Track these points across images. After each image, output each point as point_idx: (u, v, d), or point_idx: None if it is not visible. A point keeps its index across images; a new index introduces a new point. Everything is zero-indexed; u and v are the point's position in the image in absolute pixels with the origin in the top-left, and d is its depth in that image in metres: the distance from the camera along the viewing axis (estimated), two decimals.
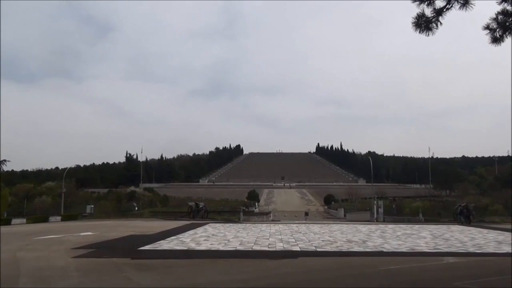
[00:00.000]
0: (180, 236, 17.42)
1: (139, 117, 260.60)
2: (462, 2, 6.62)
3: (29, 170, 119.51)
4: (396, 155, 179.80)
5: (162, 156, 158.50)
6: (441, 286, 7.44)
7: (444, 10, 6.74)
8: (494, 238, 17.07)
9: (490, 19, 7.19)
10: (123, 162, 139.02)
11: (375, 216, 40.13)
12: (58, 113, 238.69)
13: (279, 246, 13.54)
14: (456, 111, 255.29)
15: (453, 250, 12.88)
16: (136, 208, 48.25)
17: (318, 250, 12.73)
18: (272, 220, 41.81)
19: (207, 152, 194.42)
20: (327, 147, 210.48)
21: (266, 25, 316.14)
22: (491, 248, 13.43)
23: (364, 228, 23.45)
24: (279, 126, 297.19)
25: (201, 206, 36.89)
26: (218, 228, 22.88)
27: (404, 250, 12.87)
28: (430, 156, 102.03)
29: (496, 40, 7.26)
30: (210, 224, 27.01)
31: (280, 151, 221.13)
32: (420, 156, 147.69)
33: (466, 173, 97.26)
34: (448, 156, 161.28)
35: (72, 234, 19.01)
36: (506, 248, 13.45)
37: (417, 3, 6.74)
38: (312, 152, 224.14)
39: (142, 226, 25.26)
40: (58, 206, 44.87)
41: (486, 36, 7.24)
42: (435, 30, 6.87)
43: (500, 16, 7.11)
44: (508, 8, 7.00)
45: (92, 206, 45.77)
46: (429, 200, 58.01)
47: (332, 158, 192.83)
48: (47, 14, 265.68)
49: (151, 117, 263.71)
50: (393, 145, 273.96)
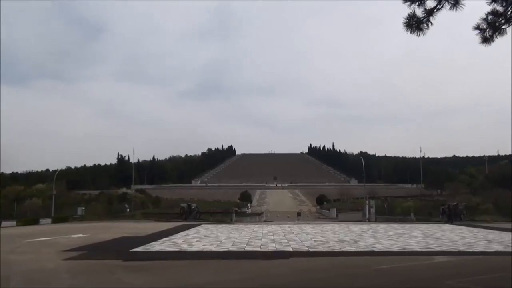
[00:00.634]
0: (172, 237, 17.36)
1: (131, 118, 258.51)
2: (452, 2, 6.67)
3: (19, 172, 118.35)
4: (388, 155, 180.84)
5: (154, 158, 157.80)
6: (432, 285, 7.48)
7: (435, 11, 6.78)
8: (484, 237, 17.23)
9: (480, 19, 7.25)
10: (115, 164, 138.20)
11: (367, 216, 40.26)
12: (49, 114, 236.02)
13: (272, 247, 13.54)
14: (449, 111, 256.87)
15: (444, 249, 12.98)
16: (128, 210, 47.86)
17: (311, 250, 12.75)
18: (265, 221, 41.80)
19: (199, 153, 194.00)
20: (319, 148, 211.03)
21: (260, 25, 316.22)
22: (481, 247, 13.55)
23: (356, 228, 23.55)
24: (272, 127, 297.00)
25: (193, 207, 36.77)
26: (210, 229, 22.85)
27: (395, 249, 12.95)
28: (421, 156, 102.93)
29: (486, 40, 7.32)
30: (203, 225, 26.95)
31: (273, 152, 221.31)
32: (412, 156, 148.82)
33: (457, 172, 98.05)
34: (439, 156, 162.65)
35: (63, 236, 18.87)
36: (496, 247, 13.58)
37: (408, 3, 6.78)
38: (304, 152, 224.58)
39: (134, 227, 25.14)
40: (49, 209, 44.42)
41: (476, 36, 7.32)
42: (426, 30, 6.92)
43: (490, 16, 7.17)
44: (498, 8, 7.06)
45: (83, 208, 45.30)
46: (420, 200, 58.30)
47: (324, 158, 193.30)
48: (39, 15, 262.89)
49: (143, 118, 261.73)
50: (385, 145, 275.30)
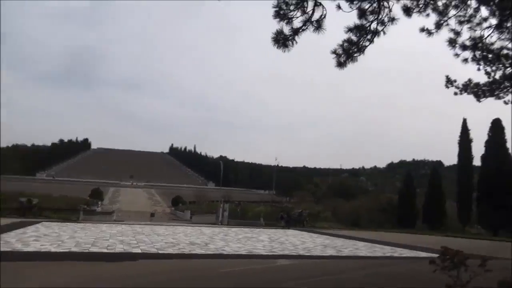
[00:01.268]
0: (4, 235, 15.19)
1: None
2: (315, 26, 7.19)
3: None
4: (245, 161, 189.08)
5: None
6: (275, 286, 7.86)
7: (300, 31, 7.22)
8: (321, 242, 18.98)
9: (337, 45, 7.98)
10: None
11: (220, 219, 41.15)
12: None
13: (119, 248, 12.82)
14: (302, 125, 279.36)
15: (286, 253, 13.90)
16: None
17: (160, 252, 12.41)
18: (115, 220, 39.61)
19: (49, 144, 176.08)
20: (181, 149, 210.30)
21: (129, 18, 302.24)
22: (317, 251, 14.90)
23: (208, 230, 23.81)
24: (135, 123, 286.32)
25: (34, 203, 33.06)
26: (52, 227, 20.71)
27: (243, 252, 13.39)
28: (276, 164, 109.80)
29: (340, 64, 8.07)
30: (44, 222, 24.28)
31: (132, 149, 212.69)
32: (267, 164, 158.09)
33: (305, 181, 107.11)
34: (291, 165, 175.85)
35: None
36: (329, 251, 15.07)
37: (277, 19, 7.10)
38: (165, 152, 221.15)
39: None
40: None
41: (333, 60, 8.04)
42: (291, 47, 7.32)
43: (345, 44, 7.94)
44: (353, 37, 7.85)
45: None
46: (271, 205, 61.96)
47: (185, 160, 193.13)
48: None
49: None
50: (244, 151, 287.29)
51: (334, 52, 7.96)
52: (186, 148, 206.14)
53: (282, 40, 7.22)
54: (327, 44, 8.13)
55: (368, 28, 7.81)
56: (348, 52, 7.85)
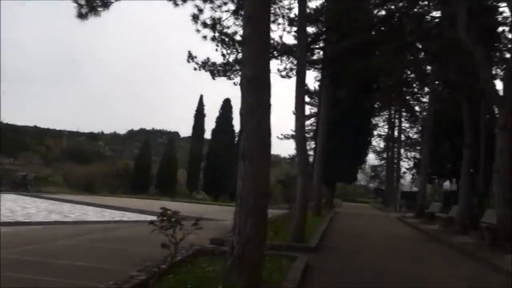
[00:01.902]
0: None
1: None
2: None
3: None
4: None
5: None
6: None
7: None
8: (46, 208, 17.58)
9: None
10: None
11: None
12: None
13: None
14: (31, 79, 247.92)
15: (3, 219, 12.29)
16: None
17: None
18: None
19: None
20: None
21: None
22: (40, 217, 13.73)
23: None
24: None
25: None
26: None
27: None
28: None
29: (81, 16, 7.43)
30: None
31: None
32: None
33: (35, 143, 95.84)
34: (19, 124, 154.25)
35: None
36: (54, 217, 14.11)
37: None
38: None
39: None
40: None
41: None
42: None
43: None
44: None
45: None
46: None
47: None
48: None
49: None
50: None
51: (76, 1, 7.27)
52: None
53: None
54: None
55: None
56: (91, 5, 7.30)
